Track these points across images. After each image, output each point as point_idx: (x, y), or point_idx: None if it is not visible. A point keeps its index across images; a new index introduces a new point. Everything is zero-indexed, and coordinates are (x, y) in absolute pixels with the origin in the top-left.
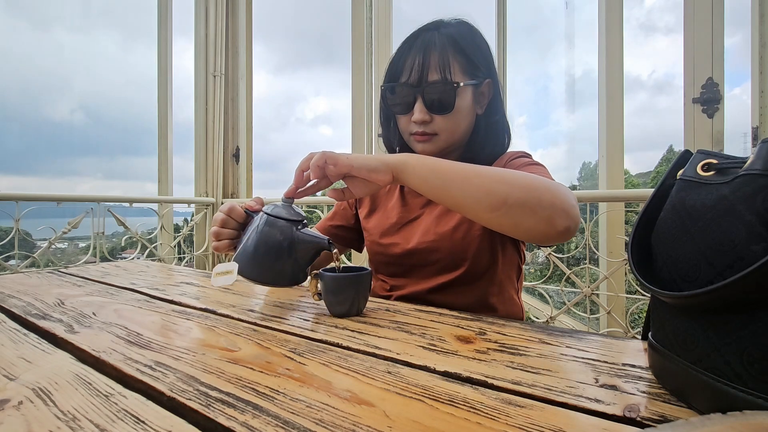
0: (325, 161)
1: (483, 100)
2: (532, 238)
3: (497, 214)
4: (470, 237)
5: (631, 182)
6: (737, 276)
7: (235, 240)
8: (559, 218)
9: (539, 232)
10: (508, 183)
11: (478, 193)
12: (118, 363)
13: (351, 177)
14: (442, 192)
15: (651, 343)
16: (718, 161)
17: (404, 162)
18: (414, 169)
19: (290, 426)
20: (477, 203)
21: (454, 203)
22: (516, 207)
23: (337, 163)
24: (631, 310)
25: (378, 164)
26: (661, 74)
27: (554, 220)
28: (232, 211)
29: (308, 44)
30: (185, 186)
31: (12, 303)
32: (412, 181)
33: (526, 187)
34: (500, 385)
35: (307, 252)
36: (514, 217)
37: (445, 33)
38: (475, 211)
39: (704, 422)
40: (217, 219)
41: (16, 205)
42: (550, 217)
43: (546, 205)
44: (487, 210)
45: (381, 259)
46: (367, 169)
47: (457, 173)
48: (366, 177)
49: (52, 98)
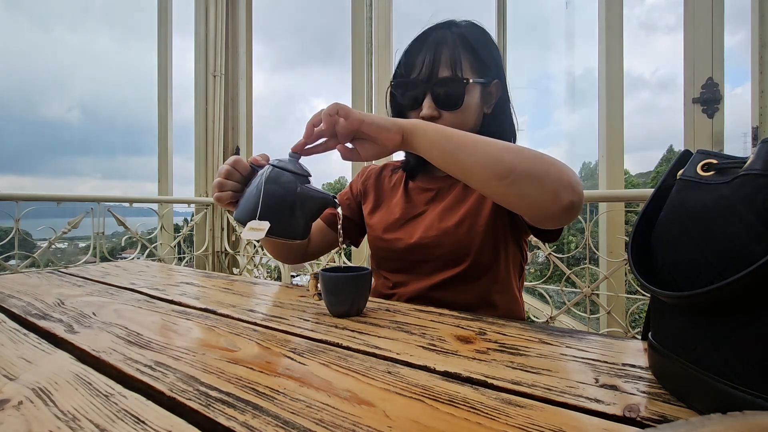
0: (337, 112)
1: (491, 99)
2: (536, 213)
3: (504, 182)
4: (473, 233)
5: (631, 182)
6: (737, 276)
7: (239, 194)
8: (565, 192)
9: (544, 205)
10: (516, 153)
11: (487, 160)
12: (118, 363)
13: (360, 139)
14: (450, 157)
15: (651, 343)
16: (718, 161)
17: (414, 125)
18: (425, 132)
19: (290, 426)
20: (484, 170)
21: (461, 169)
22: (523, 177)
23: (348, 116)
24: (631, 310)
25: (389, 124)
26: (664, 72)
27: (560, 193)
28: (238, 164)
29: (307, 43)
30: (185, 186)
31: (12, 303)
32: (421, 145)
33: (533, 159)
34: (500, 385)
35: (312, 207)
36: (521, 187)
37: (456, 32)
38: (483, 179)
39: (704, 422)
40: (222, 171)
41: (16, 205)
42: (556, 191)
43: (554, 177)
44: (495, 177)
45: (383, 254)
46: (378, 126)
47: (467, 139)
48: (375, 135)
49: (51, 98)
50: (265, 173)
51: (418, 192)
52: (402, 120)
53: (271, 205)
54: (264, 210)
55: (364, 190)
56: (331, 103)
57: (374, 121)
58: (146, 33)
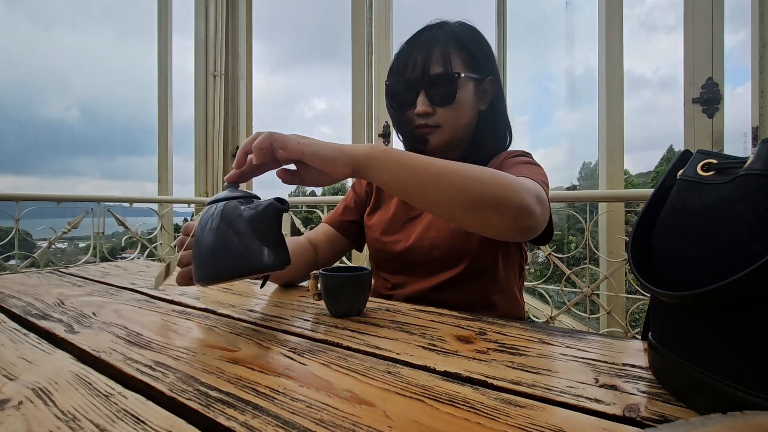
0: (270, 144)
1: (485, 96)
2: (496, 235)
3: (469, 212)
4: (471, 234)
5: (631, 182)
6: (737, 276)
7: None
8: (523, 216)
9: (504, 229)
10: (480, 181)
11: (452, 191)
12: (118, 363)
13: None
14: (412, 190)
15: (651, 343)
16: (718, 161)
17: (369, 155)
18: (381, 163)
19: (290, 426)
20: (449, 202)
21: (425, 202)
22: (488, 205)
23: (285, 148)
24: (631, 310)
25: (335, 154)
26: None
27: (520, 218)
28: (188, 229)
29: (307, 42)
30: (185, 186)
31: (12, 303)
32: (377, 176)
33: (497, 185)
34: (500, 385)
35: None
36: (485, 214)
37: (448, 30)
38: (447, 211)
39: (704, 422)
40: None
41: (16, 205)
42: (516, 216)
43: (515, 204)
44: (460, 208)
45: (382, 256)
46: (322, 158)
47: (430, 170)
48: (319, 167)
49: (51, 97)
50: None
51: None
52: (352, 148)
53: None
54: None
55: (369, 189)
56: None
57: (317, 152)
58: (146, 33)
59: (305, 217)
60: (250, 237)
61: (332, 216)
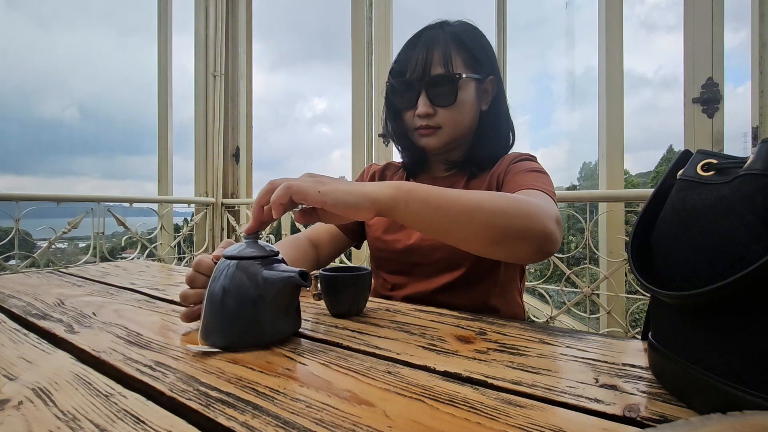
0: (290, 198)
1: (487, 96)
2: (518, 262)
3: (496, 246)
4: None
5: (631, 182)
6: (737, 276)
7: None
8: (546, 244)
9: (528, 257)
10: (507, 214)
11: (479, 227)
12: (118, 363)
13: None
14: (437, 227)
15: (651, 343)
16: (718, 161)
17: (392, 197)
18: (406, 204)
19: (290, 426)
20: (477, 237)
21: (452, 239)
22: (514, 238)
23: (306, 199)
24: (631, 310)
25: (358, 200)
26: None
27: (543, 246)
28: (201, 266)
29: (307, 41)
30: (185, 186)
31: (12, 303)
32: (402, 217)
33: (522, 216)
34: (500, 385)
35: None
36: (511, 246)
37: (448, 30)
38: (475, 246)
39: (704, 422)
40: (186, 277)
41: (16, 205)
42: (540, 245)
43: (538, 232)
44: (487, 243)
45: (383, 255)
46: (345, 206)
47: (457, 206)
48: (342, 214)
49: (50, 97)
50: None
51: None
52: (375, 190)
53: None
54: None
55: None
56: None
57: (339, 200)
58: (146, 32)
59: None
60: (263, 311)
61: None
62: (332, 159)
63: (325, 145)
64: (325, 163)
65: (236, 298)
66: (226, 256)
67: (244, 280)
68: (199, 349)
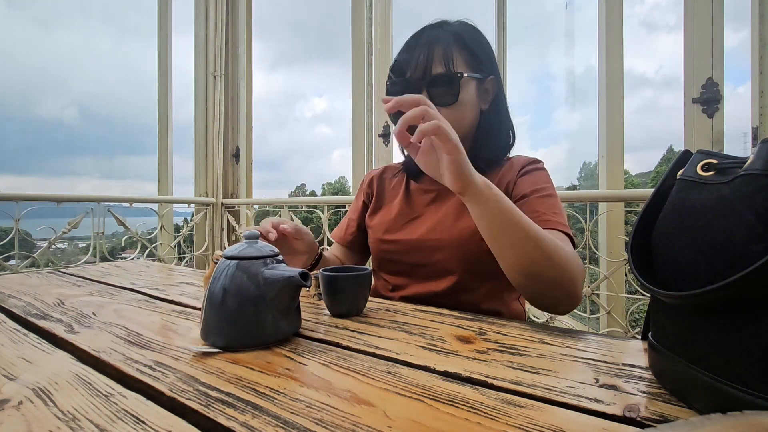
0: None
1: (487, 96)
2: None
3: (524, 280)
4: (474, 240)
5: (631, 182)
6: (737, 276)
7: None
8: (569, 305)
9: (546, 306)
10: (549, 260)
11: (521, 253)
12: (118, 363)
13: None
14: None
15: (651, 343)
16: (718, 161)
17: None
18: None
19: (290, 426)
20: (514, 259)
21: (497, 246)
22: (543, 284)
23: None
24: (631, 310)
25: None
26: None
27: (565, 305)
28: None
29: (307, 42)
30: (185, 186)
31: (12, 303)
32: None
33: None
34: (500, 385)
35: (279, 296)
36: (536, 289)
37: (449, 30)
38: (508, 265)
39: (704, 422)
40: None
41: (16, 205)
42: (563, 303)
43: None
44: (519, 271)
45: (384, 256)
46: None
47: (516, 225)
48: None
49: (51, 97)
50: (222, 274)
51: (420, 193)
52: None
53: (228, 318)
54: (225, 316)
55: (370, 193)
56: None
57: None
58: (146, 33)
59: (305, 217)
60: (263, 311)
61: (338, 233)
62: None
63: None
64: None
65: (236, 298)
66: (226, 256)
67: (244, 280)
68: (199, 349)
